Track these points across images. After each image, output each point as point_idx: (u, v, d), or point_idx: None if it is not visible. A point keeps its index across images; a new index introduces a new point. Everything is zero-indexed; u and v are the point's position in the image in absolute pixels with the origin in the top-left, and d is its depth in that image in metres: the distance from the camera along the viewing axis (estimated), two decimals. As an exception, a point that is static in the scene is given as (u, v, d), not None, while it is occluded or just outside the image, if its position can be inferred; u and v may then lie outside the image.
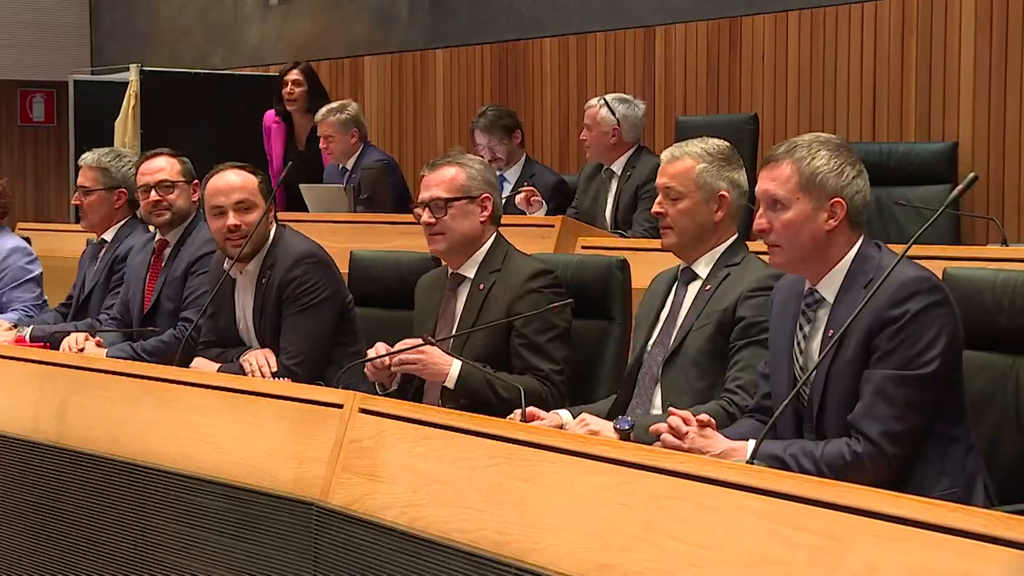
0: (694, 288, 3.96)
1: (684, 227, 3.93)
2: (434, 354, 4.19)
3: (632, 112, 6.80)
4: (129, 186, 5.81)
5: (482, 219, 4.37)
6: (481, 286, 4.34)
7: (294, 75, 8.34)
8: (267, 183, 4.91)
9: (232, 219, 4.77)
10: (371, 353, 4.27)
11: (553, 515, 2.84)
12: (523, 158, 7.42)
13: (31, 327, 5.65)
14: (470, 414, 3.29)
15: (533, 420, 3.72)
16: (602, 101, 6.83)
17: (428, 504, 3.13)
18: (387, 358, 4.20)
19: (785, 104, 7.61)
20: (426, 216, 4.36)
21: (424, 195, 4.37)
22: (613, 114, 6.74)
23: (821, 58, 7.44)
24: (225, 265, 4.88)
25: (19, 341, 5.47)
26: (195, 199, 5.41)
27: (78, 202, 5.88)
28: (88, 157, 5.92)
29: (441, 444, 3.18)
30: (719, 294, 3.87)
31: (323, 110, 7.85)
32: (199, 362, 4.87)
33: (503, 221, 4.49)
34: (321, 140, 7.86)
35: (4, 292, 6.20)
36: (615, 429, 3.62)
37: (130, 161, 5.91)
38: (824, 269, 3.37)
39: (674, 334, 3.92)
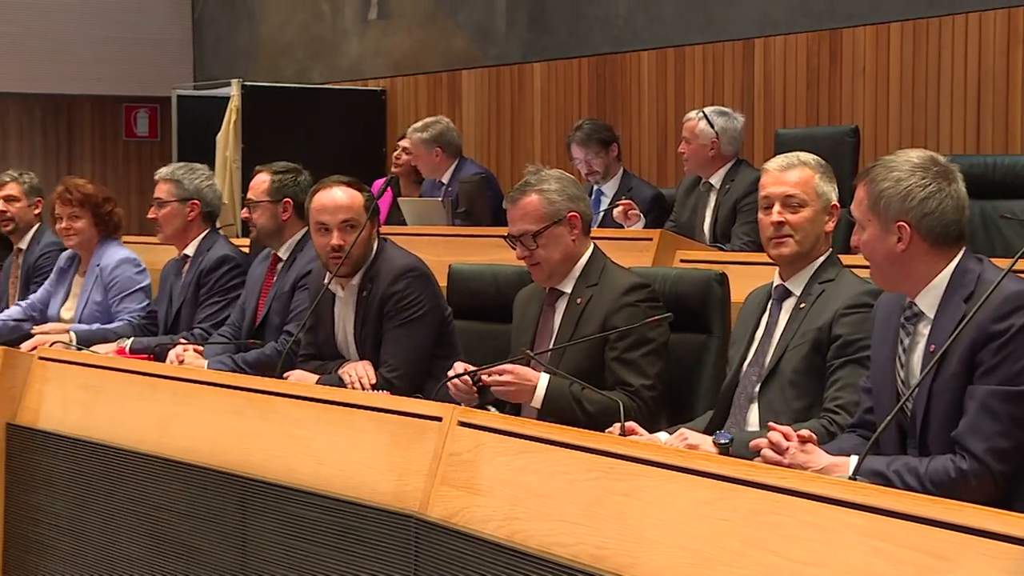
0: (788, 306, 3.92)
1: (806, 235, 3.89)
2: (521, 378, 4.18)
3: (731, 125, 6.76)
4: (203, 198, 5.90)
5: (573, 237, 4.35)
6: (578, 300, 4.33)
7: (404, 143, 8.62)
8: (371, 199, 4.95)
9: (336, 239, 4.81)
10: (453, 372, 4.26)
11: (652, 530, 2.83)
12: (620, 171, 7.40)
13: (131, 339, 5.73)
14: (568, 427, 3.28)
15: (632, 435, 3.71)
16: (701, 114, 6.79)
17: (527, 518, 3.13)
18: (482, 376, 4.20)
19: (887, 116, 7.52)
20: (520, 251, 4.37)
21: (512, 230, 4.38)
22: (712, 127, 6.70)
23: (924, 69, 7.35)
24: (325, 279, 4.92)
25: (120, 352, 5.55)
26: (285, 217, 5.44)
27: (154, 215, 5.97)
28: (163, 171, 6.04)
29: (539, 457, 3.18)
30: (814, 312, 3.83)
31: (409, 128, 8.25)
32: (297, 374, 4.91)
33: (601, 235, 4.47)
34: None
35: (114, 302, 6.29)
36: (714, 443, 3.60)
37: (203, 174, 6.00)
38: (916, 285, 3.33)
39: (769, 353, 3.88)
